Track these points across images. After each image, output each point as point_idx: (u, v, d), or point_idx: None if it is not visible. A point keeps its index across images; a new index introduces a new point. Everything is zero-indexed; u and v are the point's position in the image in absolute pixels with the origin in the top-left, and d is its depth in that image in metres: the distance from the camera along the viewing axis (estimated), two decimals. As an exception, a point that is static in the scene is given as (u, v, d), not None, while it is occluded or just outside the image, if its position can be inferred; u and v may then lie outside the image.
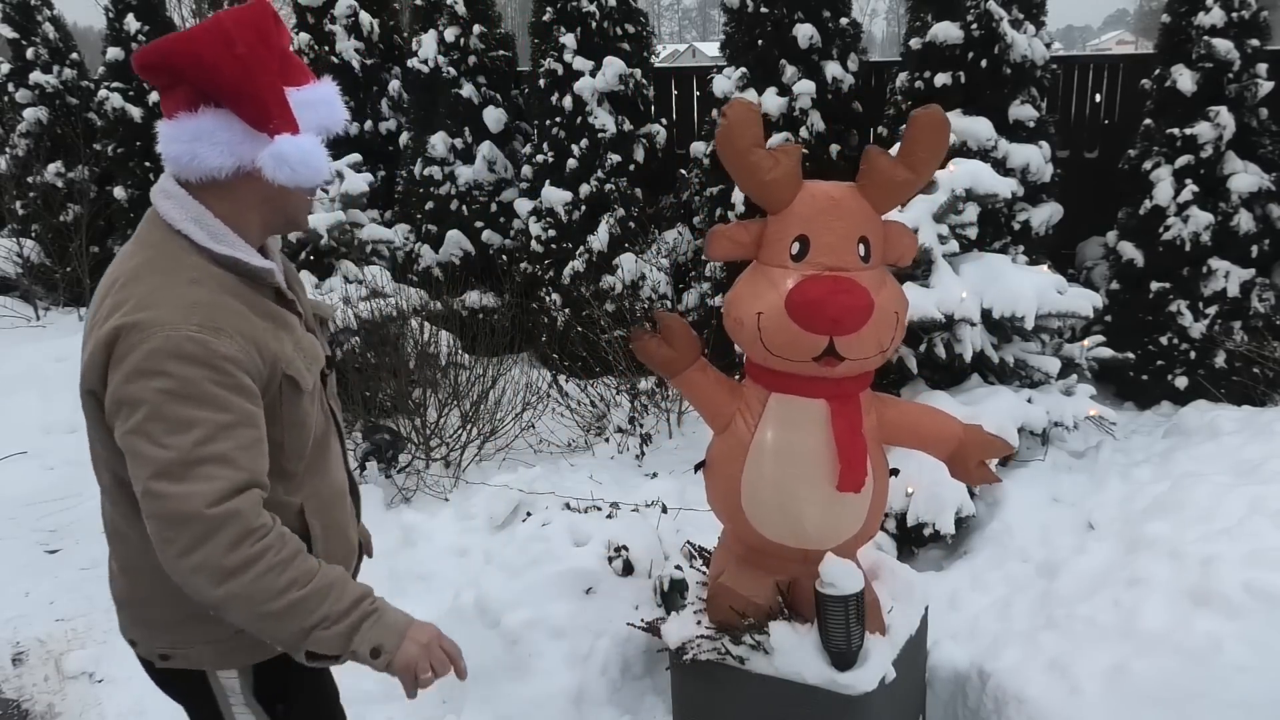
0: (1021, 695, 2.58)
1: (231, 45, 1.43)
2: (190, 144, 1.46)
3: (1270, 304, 4.92)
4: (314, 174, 1.51)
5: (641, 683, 2.97)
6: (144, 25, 8.11)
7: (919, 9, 5.28)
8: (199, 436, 1.38)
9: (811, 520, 2.26)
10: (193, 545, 1.38)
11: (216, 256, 1.50)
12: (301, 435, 1.58)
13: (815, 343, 2.05)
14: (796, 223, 2.10)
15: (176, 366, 1.38)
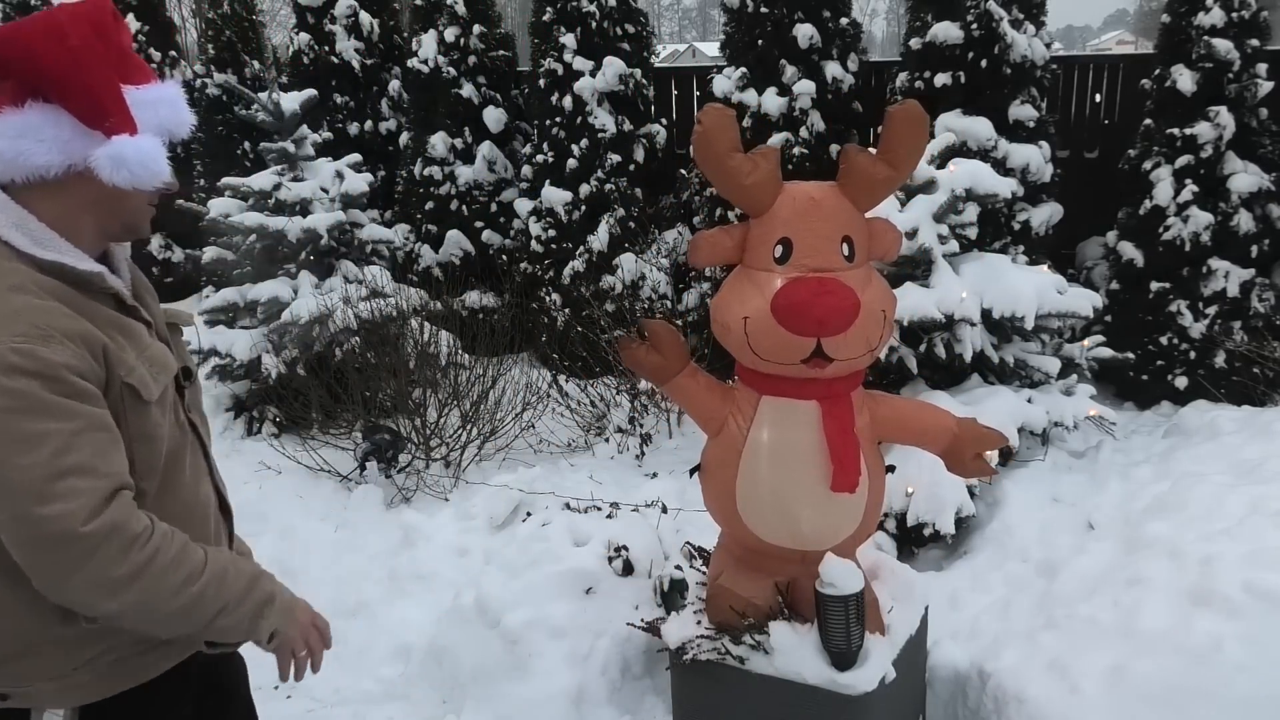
0: (1021, 695, 2.58)
1: (64, 37, 1.36)
2: (14, 140, 1.36)
3: (1270, 304, 4.92)
4: (153, 176, 1.42)
5: (641, 683, 2.97)
6: (144, 25, 8.11)
7: (919, 9, 5.28)
8: (52, 450, 1.30)
9: (808, 521, 2.27)
10: (77, 565, 1.31)
11: (40, 263, 1.39)
12: (151, 449, 1.48)
13: (803, 345, 2.05)
14: (778, 225, 2.10)
15: (8, 382, 1.29)
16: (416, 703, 3.07)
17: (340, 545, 4.01)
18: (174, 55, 8.37)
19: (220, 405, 5.53)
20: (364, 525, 4.15)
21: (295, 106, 5.49)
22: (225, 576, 1.45)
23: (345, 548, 3.98)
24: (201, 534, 1.59)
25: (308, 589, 3.76)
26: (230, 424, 5.39)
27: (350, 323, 4.98)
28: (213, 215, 5.42)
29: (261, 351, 5.14)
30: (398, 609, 3.48)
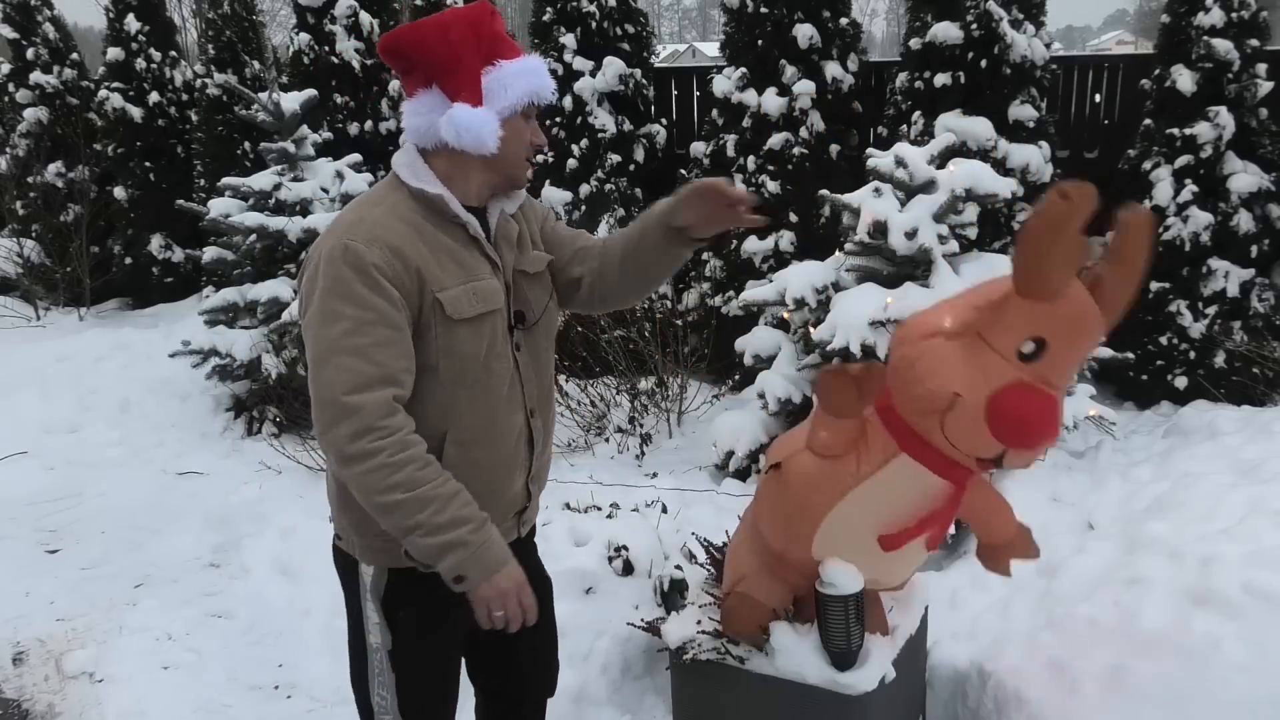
0: (1021, 695, 2.58)
1: (446, 31, 1.68)
2: (427, 115, 1.71)
3: (1270, 304, 4.92)
4: (477, 142, 1.68)
5: (641, 683, 2.98)
6: (144, 25, 8.12)
7: (919, 9, 5.28)
8: (344, 329, 1.59)
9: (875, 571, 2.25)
10: (328, 425, 1.60)
11: (412, 190, 1.74)
12: (455, 365, 1.72)
13: (995, 450, 1.84)
14: (1043, 324, 1.81)
15: (333, 268, 1.62)
16: (416, 703, 3.06)
17: (340, 545, 4.00)
18: (174, 55, 8.37)
19: (220, 405, 5.53)
20: (364, 525, 4.15)
21: (295, 106, 5.50)
22: (435, 502, 1.61)
23: (345, 548, 3.98)
24: (488, 454, 1.80)
25: (308, 589, 3.79)
26: (230, 424, 5.39)
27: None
28: (213, 215, 5.42)
29: (261, 351, 5.14)
30: (398, 609, 3.48)
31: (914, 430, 1.96)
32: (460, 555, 1.61)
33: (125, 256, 8.31)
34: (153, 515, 4.49)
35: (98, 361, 6.24)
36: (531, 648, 2.07)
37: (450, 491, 1.63)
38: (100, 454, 5.19)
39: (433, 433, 1.70)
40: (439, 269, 1.70)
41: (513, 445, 1.84)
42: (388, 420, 1.59)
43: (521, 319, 1.86)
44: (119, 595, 3.86)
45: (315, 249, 1.69)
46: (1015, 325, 1.83)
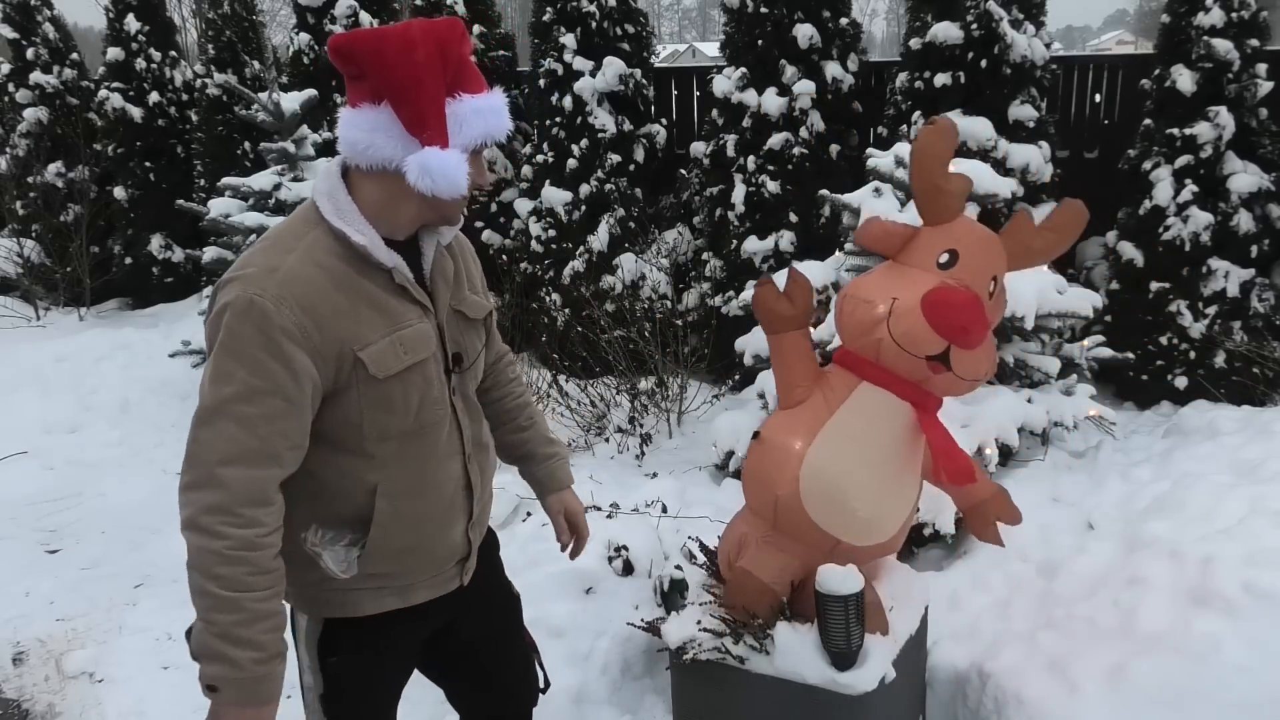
0: (1021, 695, 2.58)
1: (412, 52, 1.51)
2: (370, 133, 1.56)
3: (1270, 304, 4.92)
4: (451, 187, 1.56)
5: (641, 683, 2.97)
6: (144, 25, 8.11)
7: (919, 9, 5.28)
8: (234, 392, 1.48)
9: (864, 509, 2.28)
10: (191, 486, 1.50)
11: (333, 230, 1.59)
12: (382, 420, 1.62)
13: (936, 344, 2.14)
14: (951, 238, 2.23)
15: (235, 322, 1.49)
16: (416, 702, 3.05)
17: (340, 545, 4.00)
18: (174, 55, 8.37)
19: (220, 405, 5.52)
20: (364, 525, 4.15)
21: (295, 106, 5.49)
22: (240, 614, 1.49)
23: (345, 548, 3.98)
24: (432, 504, 1.73)
25: (308, 589, 3.77)
26: (230, 424, 5.39)
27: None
28: (213, 215, 5.42)
29: (261, 351, 5.14)
30: (398, 609, 3.48)
31: (867, 359, 2.26)
32: (231, 674, 1.48)
33: (125, 256, 8.32)
34: (153, 515, 4.49)
35: (98, 361, 6.24)
36: (506, 666, 2.09)
37: (264, 611, 1.51)
38: (100, 454, 5.19)
39: (358, 487, 1.64)
40: (358, 323, 1.57)
41: (450, 494, 1.76)
42: (249, 510, 1.49)
43: (459, 361, 1.75)
44: (119, 595, 3.86)
45: (221, 290, 1.54)
46: (929, 245, 2.23)
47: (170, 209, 7.25)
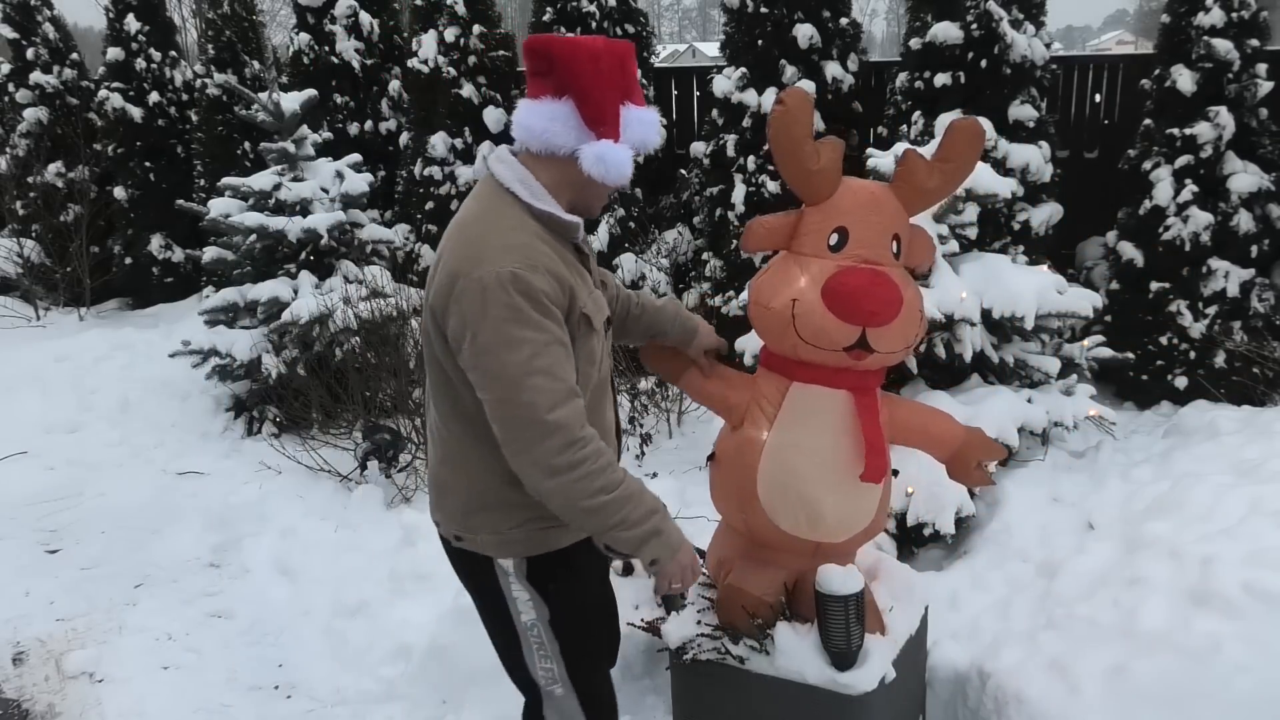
0: (1021, 695, 2.58)
1: (598, 60, 1.78)
2: (549, 122, 1.79)
3: (1270, 304, 4.92)
4: (619, 177, 1.82)
5: (641, 683, 2.97)
6: (144, 25, 8.11)
7: (919, 9, 5.28)
8: (529, 353, 1.69)
9: (830, 510, 2.27)
10: (532, 443, 1.71)
11: (534, 211, 1.83)
12: (590, 370, 1.89)
13: (848, 332, 2.08)
14: (836, 215, 2.14)
15: (504, 296, 1.69)
16: (416, 703, 3.07)
17: (340, 545, 4.01)
18: (174, 55, 8.37)
19: (220, 405, 5.53)
20: (364, 525, 4.16)
21: (295, 106, 5.49)
22: (631, 499, 1.79)
23: (345, 547, 3.99)
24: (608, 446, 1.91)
25: (308, 589, 3.79)
26: (230, 424, 5.39)
27: (350, 323, 4.98)
28: (213, 215, 5.42)
29: (261, 351, 5.14)
30: (398, 609, 3.49)
31: (789, 358, 2.22)
32: (656, 543, 1.81)
33: (125, 256, 8.31)
34: (153, 515, 4.49)
35: (98, 361, 6.24)
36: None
37: (638, 487, 1.81)
38: (100, 454, 5.19)
39: None
40: (576, 285, 1.83)
41: (612, 437, 2.05)
42: (585, 430, 1.75)
43: (608, 324, 2.01)
44: (119, 595, 3.86)
45: (465, 277, 1.73)
46: (815, 229, 2.16)
47: (170, 209, 7.25)
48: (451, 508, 1.95)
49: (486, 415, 1.76)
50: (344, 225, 5.40)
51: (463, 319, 1.72)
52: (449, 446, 1.91)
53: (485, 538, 1.92)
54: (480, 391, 1.75)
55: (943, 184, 2.15)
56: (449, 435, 1.90)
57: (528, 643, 2.01)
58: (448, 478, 1.93)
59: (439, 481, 1.97)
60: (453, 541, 1.99)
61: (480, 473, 1.87)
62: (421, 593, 3.55)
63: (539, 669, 2.03)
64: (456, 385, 1.83)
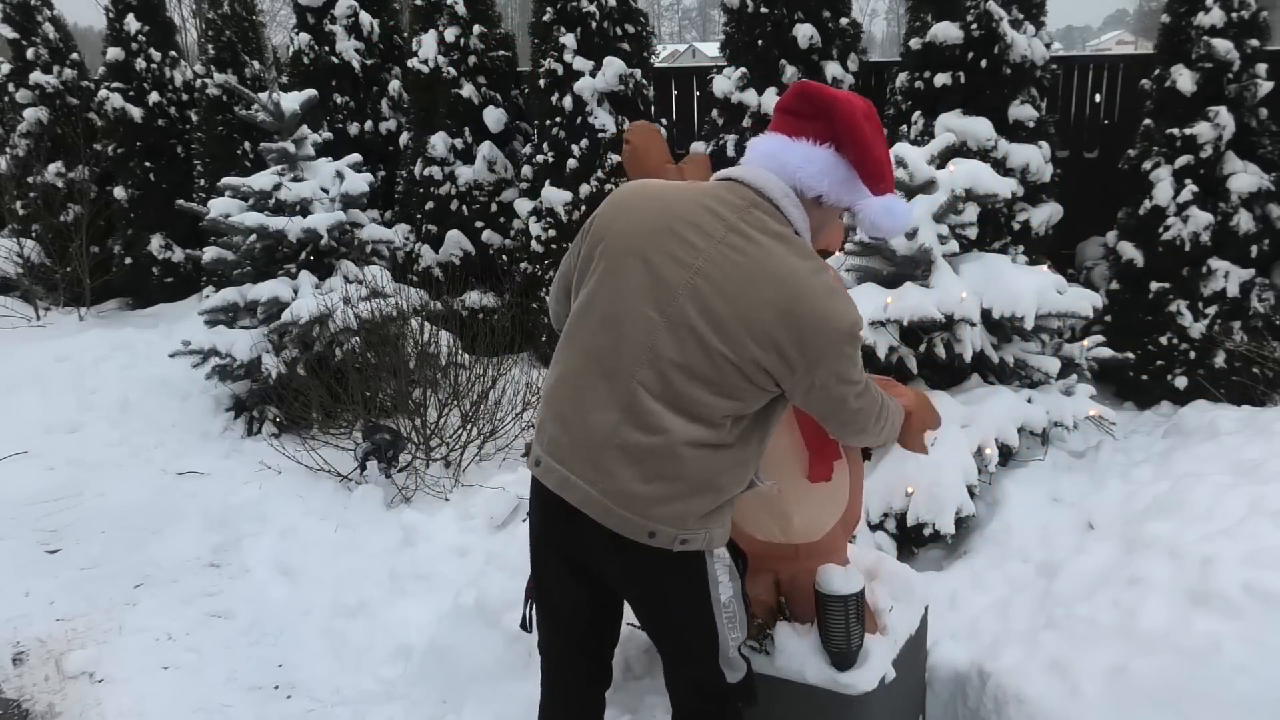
0: (1021, 695, 2.58)
1: (874, 120, 1.92)
2: (803, 163, 1.89)
3: (1270, 304, 4.92)
4: (899, 231, 2.01)
5: (641, 683, 2.97)
6: (144, 25, 8.11)
7: (919, 9, 5.28)
8: (862, 370, 1.95)
9: (796, 513, 2.27)
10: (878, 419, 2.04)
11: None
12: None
13: None
14: None
15: (860, 337, 1.91)
16: (416, 703, 3.07)
17: (340, 545, 4.01)
18: (174, 55, 8.37)
19: (220, 405, 5.53)
20: (364, 525, 4.16)
21: (295, 106, 5.49)
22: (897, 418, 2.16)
23: (345, 547, 3.99)
24: None
25: (308, 589, 3.79)
26: (230, 424, 5.39)
27: (350, 323, 4.98)
28: (213, 215, 5.41)
29: (261, 351, 5.14)
30: (398, 609, 3.49)
31: None
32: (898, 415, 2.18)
33: (125, 256, 8.31)
34: (153, 515, 4.49)
35: (98, 361, 6.24)
36: None
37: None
38: (100, 454, 5.18)
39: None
40: None
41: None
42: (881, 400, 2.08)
43: None
44: (119, 595, 3.86)
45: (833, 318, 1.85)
46: None
47: (170, 209, 7.25)
48: (685, 515, 1.92)
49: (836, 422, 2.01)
50: (344, 225, 5.40)
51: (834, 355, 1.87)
52: (689, 467, 1.89)
53: (715, 532, 1.97)
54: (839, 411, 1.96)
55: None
56: (696, 456, 1.89)
57: (722, 620, 2.05)
58: (679, 492, 1.90)
59: (658, 498, 1.90)
60: (675, 547, 1.92)
61: (733, 476, 1.95)
62: (421, 593, 3.55)
63: (729, 638, 2.07)
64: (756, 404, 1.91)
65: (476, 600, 3.16)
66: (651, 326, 1.83)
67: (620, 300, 1.86)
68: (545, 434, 1.98)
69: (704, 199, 1.90)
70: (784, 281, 1.82)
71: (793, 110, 1.92)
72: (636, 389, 1.85)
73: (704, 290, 1.82)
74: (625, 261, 1.87)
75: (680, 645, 2.11)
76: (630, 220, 1.91)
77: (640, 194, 1.95)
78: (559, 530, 2.03)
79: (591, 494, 1.89)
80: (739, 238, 1.84)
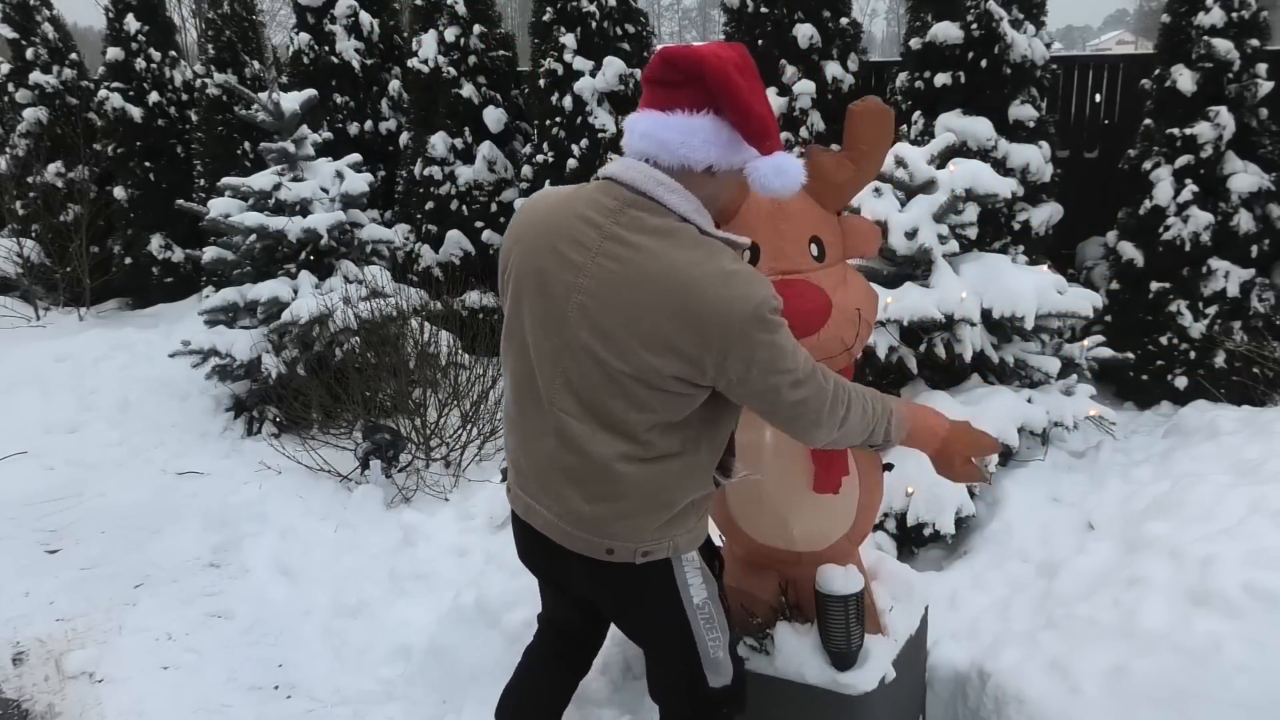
0: (1021, 695, 2.58)
1: (748, 73, 1.74)
2: (685, 135, 1.73)
3: (1270, 304, 4.92)
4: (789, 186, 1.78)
5: (641, 683, 2.97)
6: (144, 25, 8.12)
7: (919, 9, 5.28)
8: (806, 355, 1.80)
9: (799, 524, 2.27)
10: (831, 410, 1.83)
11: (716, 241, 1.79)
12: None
13: None
14: (745, 231, 2.08)
15: (776, 318, 1.74)
16: (416, 703, 3.07)
17: (340, 545, 4.01)
18: (174, 55, 8.37)
19: (220, 405, 5.53)
20: (364, 525, 4.16)
21: (295, 106, 5.49)
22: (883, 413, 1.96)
23: (345, 547, 3.99)
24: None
25: (308, 589, 3.79)
26: (230, 424, 5.39)
27: (350, 323, 4.98)
28: (213, 215, 5.42)
29: (261, 351, 5.14)
30: (398, 609, 3.49)
31: None
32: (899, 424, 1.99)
33: (125, 256, 8.32)
34: (153, 515, 4.49)
35: (98, 361, 6.24)
36: None
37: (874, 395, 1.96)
38: (100, 454, 5.19)
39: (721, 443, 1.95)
40: None
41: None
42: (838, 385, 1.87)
43: None
44: (119, 595, 3.86)
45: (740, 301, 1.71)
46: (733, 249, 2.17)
47: (170, 209, 7.25)
48: (640, 528, 1.89)
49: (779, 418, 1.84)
50: (344, 225, 5.41)
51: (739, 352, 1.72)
52: (630, 481, 1.84)
53: (680, 539, 1.93)
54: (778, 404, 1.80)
55: (856, 174, 2.11)
56: (636, 471, 1.84)
57: (698, 624, 2.01)
58: (628, 508, 1.86)
59: (609, 515, 1.87)
60: (636, 560, 1.90)
61: (683, 485, 1.88)
62: (421, 593, 3.55)
63: (708, 641, 2.04)
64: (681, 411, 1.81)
65: (476, 600, 3.16)
66: (555, 351, 1.80)
67: (528, 329, 1.84)
68: (509, 461, 2.01)
69: (582, 208, 1.80)
70: (669, 281, 1.71)
71: (661, 80, 1.77)
72: (559, 414, 1.83)
73: (590, 307, 1.75)
74: (525, 288, 1.84)
75: (660, 652, 2.10)
76: (524, 246, 1.86)
77: (531, 215, 1.90)
78: (534, 554, 2.06)
79: (550, 518, 1.92)
80: (616, 244, 1.74)
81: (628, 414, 1.78)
